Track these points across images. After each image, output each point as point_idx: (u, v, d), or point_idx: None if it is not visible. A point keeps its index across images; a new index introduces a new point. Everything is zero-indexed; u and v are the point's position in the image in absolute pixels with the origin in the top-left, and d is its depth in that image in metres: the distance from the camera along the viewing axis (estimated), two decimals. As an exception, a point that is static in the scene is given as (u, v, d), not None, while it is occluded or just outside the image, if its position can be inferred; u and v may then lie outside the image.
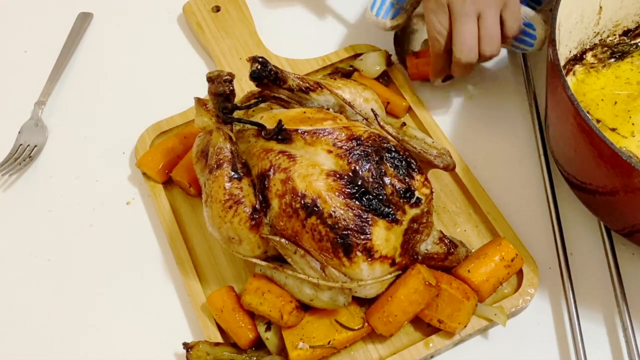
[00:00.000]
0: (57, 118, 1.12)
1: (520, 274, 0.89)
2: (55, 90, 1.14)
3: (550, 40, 0.84)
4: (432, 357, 0.86)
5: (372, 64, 1.07)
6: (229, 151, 0.84)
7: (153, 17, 1.23)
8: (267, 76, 0.87)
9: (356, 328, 0.84)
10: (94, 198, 1.03)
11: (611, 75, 1.00)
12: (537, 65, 1.10)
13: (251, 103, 0.91)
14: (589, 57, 1.01)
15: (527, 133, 1.05)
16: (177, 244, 0.95)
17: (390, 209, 0.80)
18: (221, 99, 0.85)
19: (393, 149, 0.83)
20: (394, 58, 1.10)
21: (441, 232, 0.88)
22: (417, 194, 0.82)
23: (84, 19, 1.23)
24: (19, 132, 1.09)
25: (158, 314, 0.92)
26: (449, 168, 0.92)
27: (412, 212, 0.82)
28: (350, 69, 1.08)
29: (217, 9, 1.19)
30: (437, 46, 0.99)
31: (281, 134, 0.84)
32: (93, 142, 1.09)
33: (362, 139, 0.83)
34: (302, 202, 0.79)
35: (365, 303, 0.85)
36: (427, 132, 1.02)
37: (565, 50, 0.95)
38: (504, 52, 1.15)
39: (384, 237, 0.80)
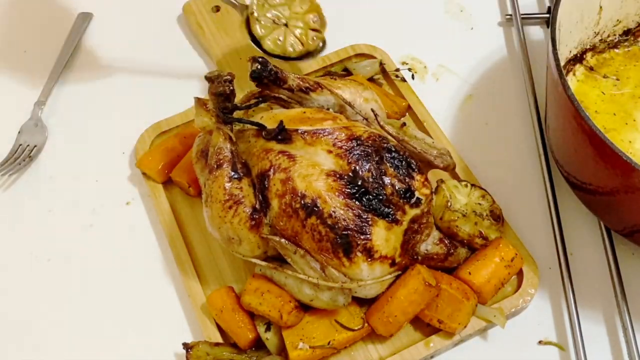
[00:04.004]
0: (57, 118, 1.12)
1: (520, 274, 0.89)
2: (55, 90, 1.14)
3: (551, 40, 0.84)
4: (432, 357, 0.86)
5: (364, 66, 1.07)
6: (228, 151, 0.84)
7: (153, 17, 1.23)
8: (267, 76, 0.87)
9: (356, 328, 0.84)
10: (94, 198, 1.03)
11: (612, 75, 1.00)
12: (537, 65, 1.10)
13: (251, 103, 0.91)
14: (589, 57, 1.01)
15: (527, 133, 1.05)
16: (177, 244, 0.95)
17: (390, 209, 0.80)
18: (221, 99, 0.85)
19: (393, 149, 0.83)
20: (386, 66, 1.09)
21: (441, 232, 0.88)
22: (417, 194, 0.82)
23: (84, 19, 1.22)
24: (19, 132, 1.09)
25: (158, 314, 0.92)
26: (449, 168, 0.92)
27: (412, 212, 0.82)
28: (344, 72, 1.08)
29: (217, 9, 1.19)
30: None
31: (281, 134, 0.84)
32: (93, 142, 1.09)
33: (362, 139, 0.83)
34: (302, 202, 0.79)
35: (365, 303, 0.85)
36: (427, 132, 1.02)
37: (565, 50, 0.95)
38: (503, 51, 1.15)
39: (383, 237, 0.80)
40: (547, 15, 1.17)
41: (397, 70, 1.09)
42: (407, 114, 1.05)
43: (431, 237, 0.86)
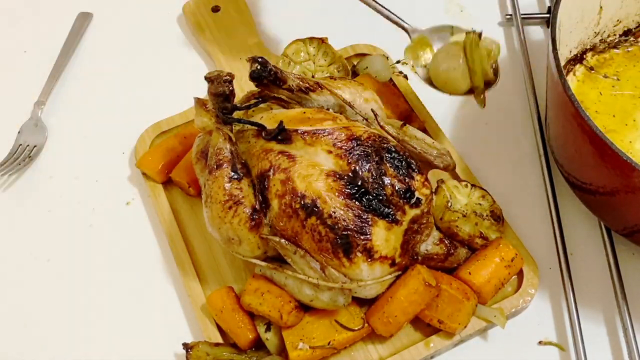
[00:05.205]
0: (57, 118, 1.12)
1: (520, 274, 0.89)
2: (55, 90, 1.14)
3: (551, 40, 0.84)
4: (432, 357, 0.86)
5: (383, 69, 1.06)
6: (228, 151, 0.84)
7: (153, 17, 1.23)
8: (266, 76, 0.87)
9: (356, 328, 0.84)
10: (94, 198, 1.03)
11: (612, 75, 1.00)
12: (537, 65, 1.10)
13: (251, 103, 0.91)
14: (589, 57, 1.01)
15: (527, 133, 1.05)
16: (177, 244, 0.95)
17: (390, 210, 0.80)
18: (221, 99, 0.85)
19: (393, 149, 0.83)
20: (390, 61, 1.10)
21: (441, 232, 0.88)
22: (417, 194, 0.82)
23: (84, 19, 1.22)
24: (19, 132, 1.09)
25: (158, 314, 0.92)
26: (449, 168, 0.92)
27: (412, 212, 0.82)
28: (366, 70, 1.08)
29: (217, 9, 1.19)
30: None
31: (281, 134, 0.84)
32: (93, 142, 1.09)
33: (362, 139, 0.83)
34: (302, 202, 0.79)
35: (365, 303, 0.85)
36: (428, 132, 1.02)
37: (565, 50, 0.95)
38: (503, 51, 1.15)
39: (383, 237, 0.80)
40: (547, 15, 1.17)
41: (398, 62, 1.10)
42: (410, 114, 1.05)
43: (431, 237, 0.86)
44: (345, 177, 0.80)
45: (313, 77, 1.05)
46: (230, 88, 0.84)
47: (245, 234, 0.82)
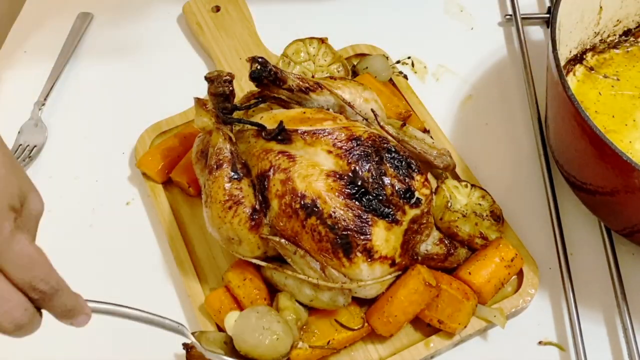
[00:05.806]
0: (57, 118, 1.11)
1: (520, 274, 0.89)
2: (55, 90, 1.14)
3: (551, 40, 0.84)
4: (432, 357, 0.86)
5: (383, 69, 1.06)
6: (228, 152, 0.84)
7: (153, 17, 1.23)
8: (267, 76, 0.87)
9: (356, 328, 0.84)
10: (93, 198, 1.03)
11: (611, 75, 1.00)
12: (537, 66, 1.10)
13: (251, 103, 0.91)
14: (589, 57, 1.01)
15: (527, 133, 1.05)
16: (177, 244, 0.95)
17: (390, 210, 0.80)
18: (221, 99, 0.85)
19: (393, 149, 0.83)
20: (390, 61, 1.10)
21: (441, 232, 0.88)
22: (417, 194, 0.82)
23: (84, 19, 1.22)
24: (19, 132, 1.09)
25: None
26: (449, 168, 0.92)
27: (412, 212, 0.82)
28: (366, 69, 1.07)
29: (217, 9, 1.19)
30: None
31: (281, 135, 0.84)
32: (93, 142, 1.09)
33: (362, 139, 0.83)
34: (302, 202, 0.79)
35: (365, 303, 0.85)
36: (428, 132, 1.02)
37: (565, 50, 0.95)
38: (503, 51, 1.15)
39: (383, 237, 0.80)
40: (547, 15, 1.17)
41: (398, 62, 1.10)
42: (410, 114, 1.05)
43: (431, 237, 0.86)
44: (345, 177, 0.80)
45: (313, 77, 1.05)
46: (230, 88, 0.84)
47: (245, 234, 0.82)
